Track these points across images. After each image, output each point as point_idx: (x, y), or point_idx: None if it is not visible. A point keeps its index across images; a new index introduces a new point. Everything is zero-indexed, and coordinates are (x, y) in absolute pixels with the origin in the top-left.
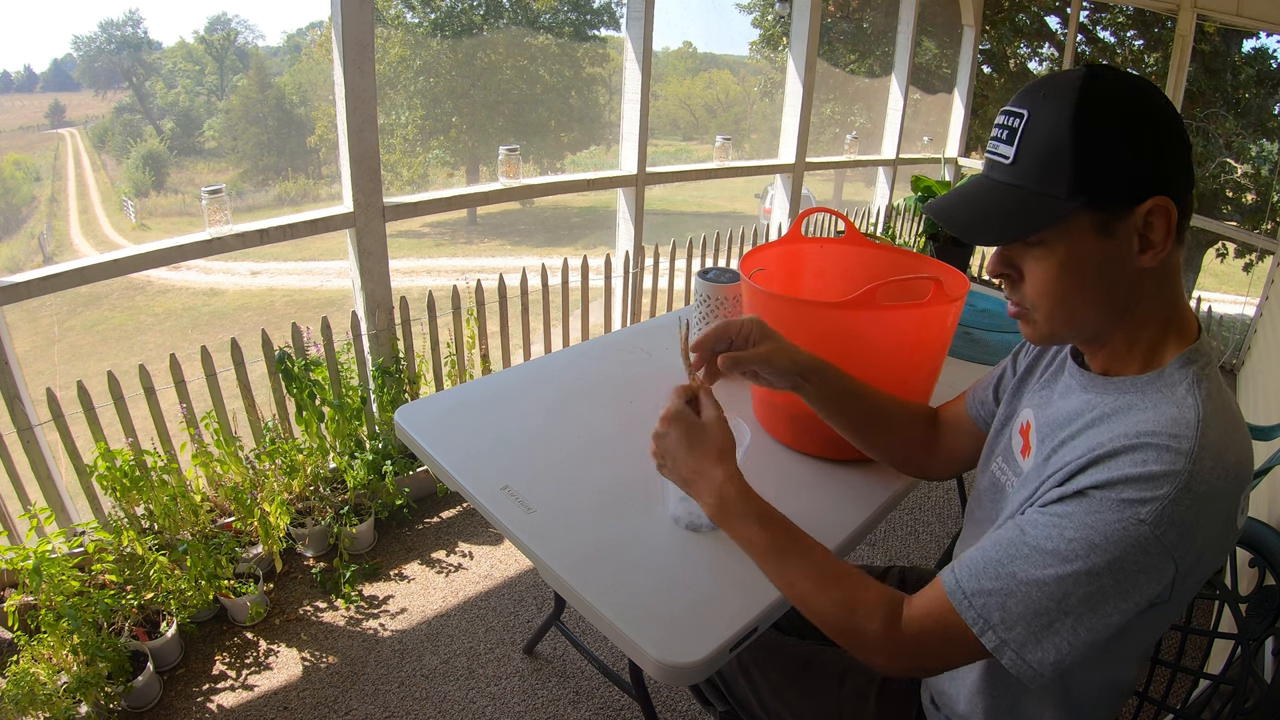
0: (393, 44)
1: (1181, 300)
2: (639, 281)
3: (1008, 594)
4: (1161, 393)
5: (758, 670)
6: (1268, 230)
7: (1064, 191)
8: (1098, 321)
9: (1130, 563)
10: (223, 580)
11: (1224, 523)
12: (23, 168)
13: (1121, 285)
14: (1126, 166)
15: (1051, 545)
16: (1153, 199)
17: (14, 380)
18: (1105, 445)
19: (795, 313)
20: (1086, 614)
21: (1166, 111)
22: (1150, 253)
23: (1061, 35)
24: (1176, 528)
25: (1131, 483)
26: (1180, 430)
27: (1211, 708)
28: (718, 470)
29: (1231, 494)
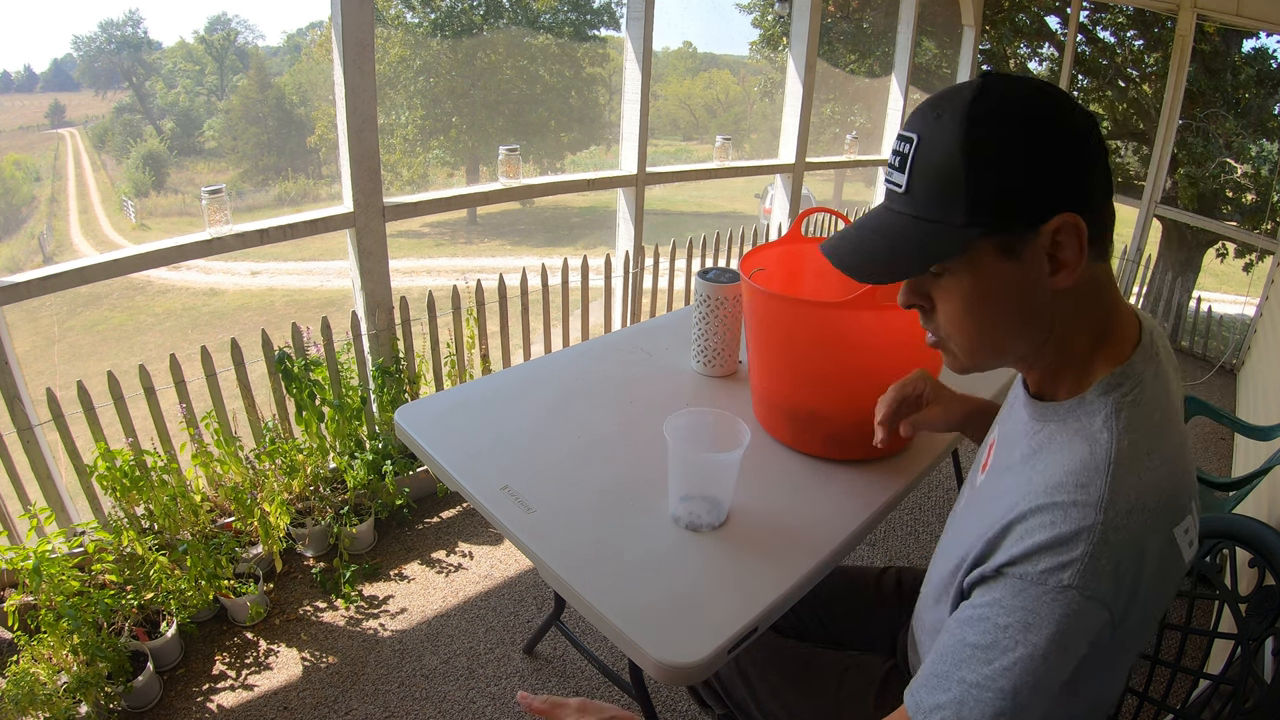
0: (393, 44)
1: (1115, 314)
2: (639, 281)
3: (961, 703)
4: (1079, 423)
5: (756, 672)
6: (1268, 230)
7: (961, 219)
8: (1021, 347)
9: (1070, 629)
10: (223, 580)
11: (1159, 559)
12: (23, 168)
13: (1038, 309)
14: (1026, 186)
15: (990, 639)
16: (1059, 217)
17: (14, 380)
18: (1016, 508)
19: (795, 313)
20: (1040, 696)
21: (1070, 119)
22: (1064, 273)
23: (1061, 35)
24: (1105, 578)
25: (1045, 551)
26: (1087, 478)
27: (1211, 708)
28: None
29: (1160, 528)
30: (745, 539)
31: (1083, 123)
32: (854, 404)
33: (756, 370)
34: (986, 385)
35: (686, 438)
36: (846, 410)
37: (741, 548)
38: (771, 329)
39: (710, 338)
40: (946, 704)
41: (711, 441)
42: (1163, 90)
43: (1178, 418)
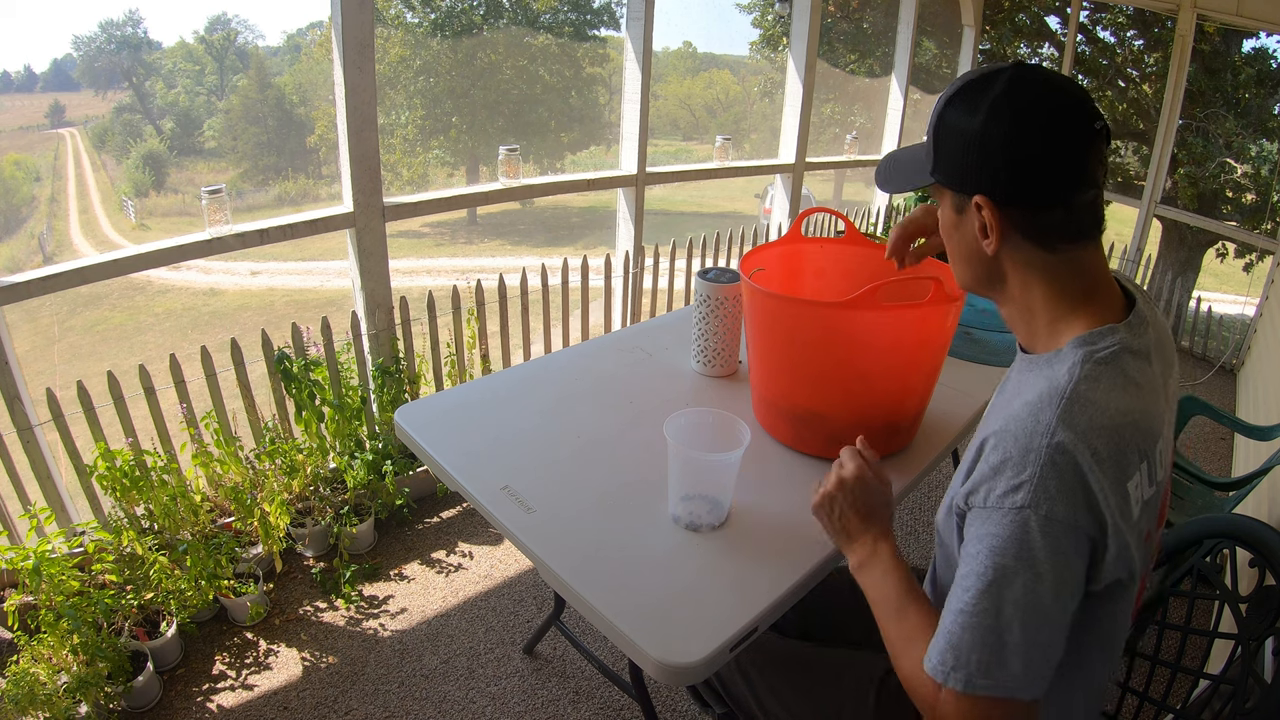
0: (393, 44)
1: (1093, 296)
2: (639, 281)
3: (951, 632)
4: (1051, 369)
5: (755, 671)
6: (1268, 230)
7: (930, 166)
8: (972, 283)
9: (1036, 549)
10: (223, 580)
11: (1117, 502)
12: (23, 168)
13: (983, 260)
14: (961, 162)
15: (965, 569)
16: (977, 196)
17: (14, 380)
18: (983, 434)
19: (795, 313)
20: (1028, 616)
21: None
22: (986, 241)
23: (1061, 35)
24: (1059, 501)
25: (997, 475)
26: (1040, 408)
27: (1211, 708)
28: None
29: (1110, 473)
30: (745, 539)
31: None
32: (854, 404)
33: (756, 370)
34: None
35: (686, 438)
36: (846, 410)
37: (741, 548)
38: (771, 329)
39: (710, 338)
40: (941, 635)
41: (711, 441)
42: (1163, 90)
43: (1152, 393)
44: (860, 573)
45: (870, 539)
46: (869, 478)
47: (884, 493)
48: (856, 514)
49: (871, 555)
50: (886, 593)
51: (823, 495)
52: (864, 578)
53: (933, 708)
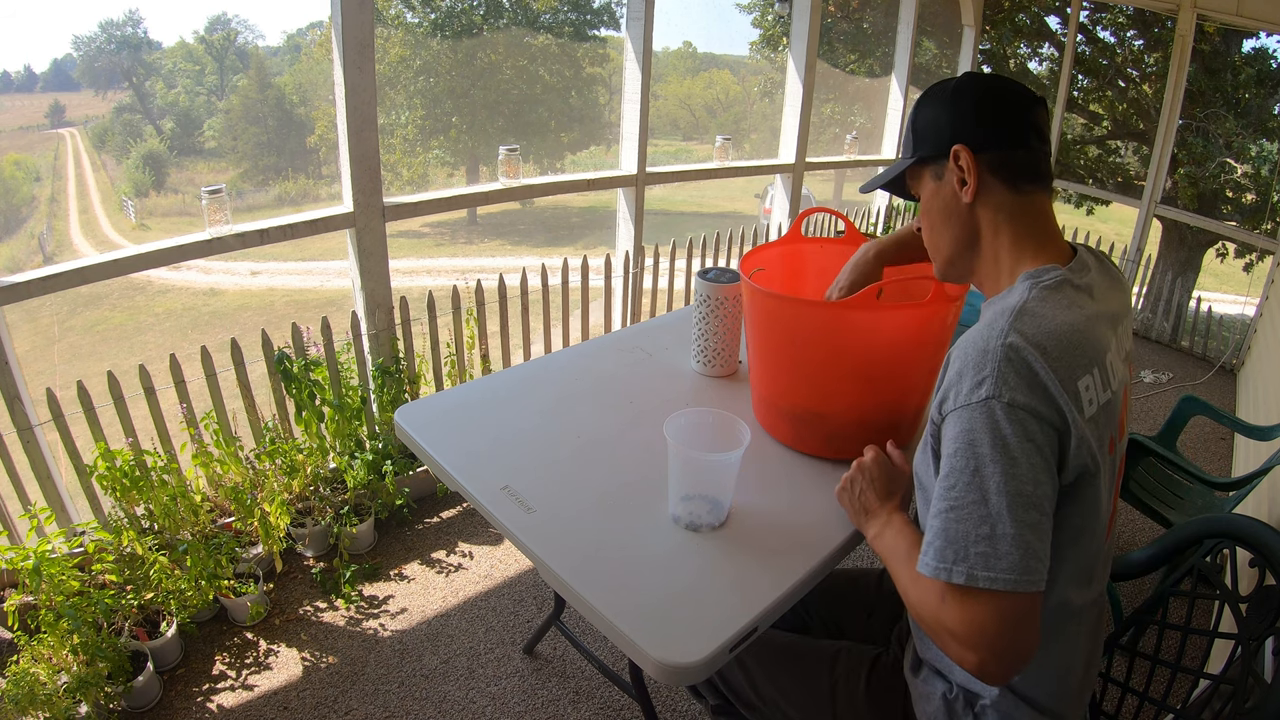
0: (393, 44)
1: (1047, 241)
2: (639, 281)
3: (944, 530)
4: (1004, 301)
5: (751, 658)
6: (1268, 230)
7: (909, 153)
8: (952, 250)
9: (1007, 435)
10: (223, 580)
11: (1072, 397)
12: (23, 168)
13: (960, 217)
14: (935, 129)
15: (946, 469)
16: (955, 146)
17: (14, 380)
18: (944, 364)
19: (795, 313)
20: (1013, 502)
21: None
22: (966, 188)
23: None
24: (1020, 390)
25: (961, 379)
26: (994, 320)
27: (1211, 708)
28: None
29: (1060, 370)
30: (745, 539)
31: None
32: (854, 404)
33: (756, 370)
34: None
35: (686, 438)
36: (846, 410)
37: (741, 548)
38: (771, 329)
39: (710, 338)
40: (934, 537)
41: (711, 441)
42: (1163, 90)
43: (1095, 317)
44: (877, 542)
45: (885, 513)
46: (885, 461)
47: (900, 476)
48: (874, 492)
49: (886, 524)
50: (898, 546)
51: (844, 480)
52: (880, 544)
53: (939, 620)
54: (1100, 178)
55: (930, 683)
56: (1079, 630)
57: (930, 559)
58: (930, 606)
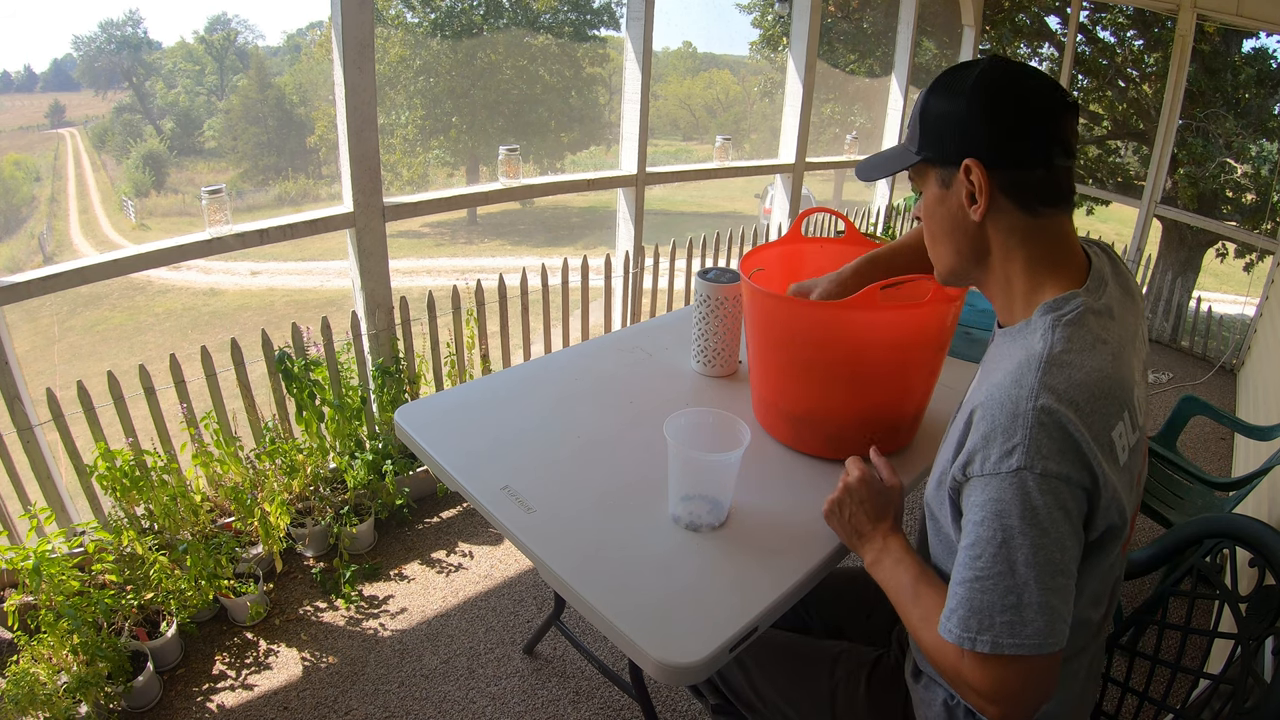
0: (393, 44)
1: (1064, 261)
2: (639, 281)
3: (970, 599)
4: (1024, 339)
5: (752, 660)
6: (1268, 230)
7: (916, 148)
8: (956, 262)
9: (1038, 507)
10: (223, 580)
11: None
12: (23, 168)
13: (967, 233)
14: (950, 133)
15: (972, 537)
16: (967, 159)
17: (14, 380)
18: (967, 413)
19: (795, 313)
20: (1041, 571)
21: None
22: (974, 207)
23: (1061, 35)
24: (1052, 458)
25: (992, 441)
26: (1021, 374)
27: (1211, 708)
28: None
29: (1093, 424)
30: (745, 539)
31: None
32: (854, 404)
33: (756, 370)
34: None
35: (686, 438)
36: (846, 410)
37: (741, 548)
38: (771, 329)
39: (710, 338)
40: (959, 604)
41: (711, 441)
42: (1163, 90)
43: (1119, 347)
44: (875, 569)
45: (880, 536)
46: (873, 480)
47: (889, 493)
48: (865, 514)
49: (883, 551)
50: (901, 581)
51: (831, 502)
52: (879, 573)
53: (959, 673)
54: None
55: (931, 689)
56: (1094, 644)
57: (954, 626)
58: (949, 660)
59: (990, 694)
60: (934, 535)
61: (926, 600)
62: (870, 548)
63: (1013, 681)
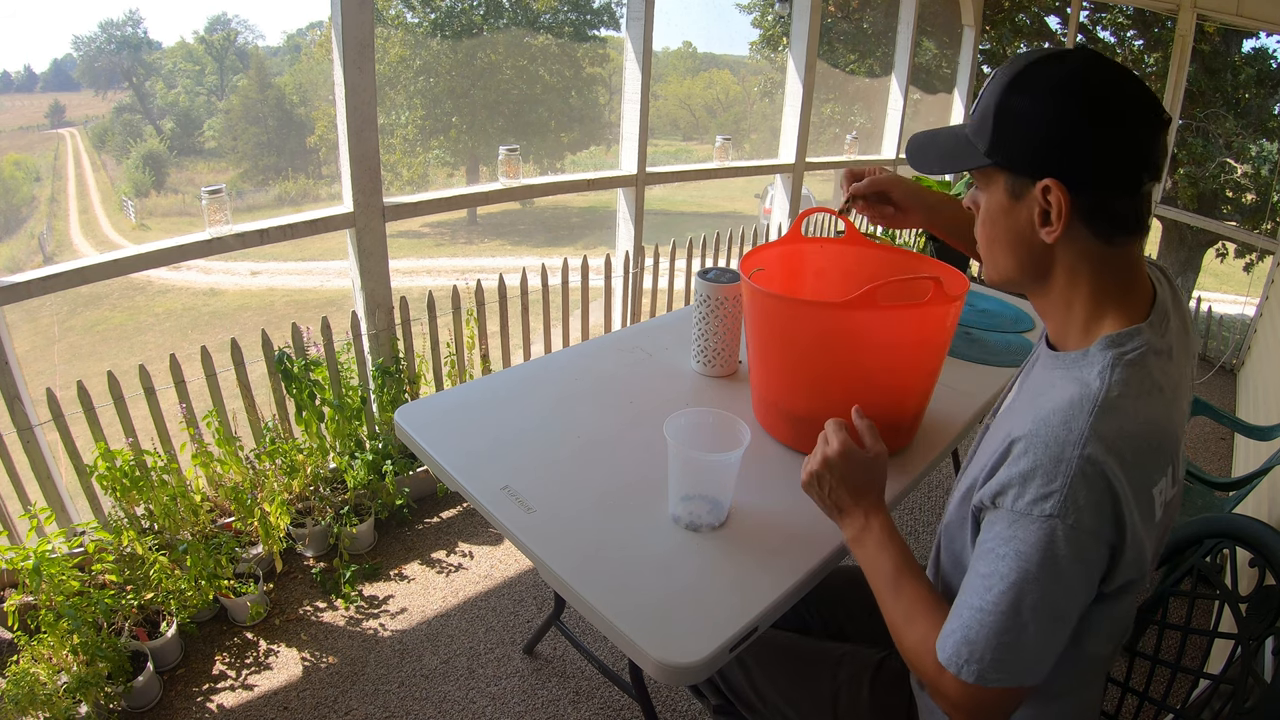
0: (393, 44)
1: (1129, 291)
2: (639, 281)
3: (969, 626)
4: (1079, 373)
5: (754, 662)
6: (1268, 230)
7: (984, 147)
8: (1014, 274)
9: (1060, 557)
10: (223, 580)
11: (1138, 507)
12: (23, 168)
13: (1032, 250)
14: (1030, 141)
15: (987, 568)
16: (1047, 179)
17: (14, 380)
18: (1005, 444)
19: (795, 313)
20: (1044, 619)
21: (1111, 111)
22: (1046, 229)
23: (1061, 35)
24: (1086, 512)
25: (1029, 480)
26: (1072, 415)
27: (1211, 708)
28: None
29: (1136, 480)
30: (745, 539)
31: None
32: (854, 404)
33: (756, 370)
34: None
35: (686, 438)
36: (846, 410)
37: (741, 548)
38: (771, 329)
39: (710, 338)
40: (957, 629)
41: (711, 441)
42: (1163, 90)
43: (1174, 393)
44: (854, 547)
45: (862, 513)
46: (855, 453)
47: (874, 465)
48: (846, 490)
49: (864, 530)
50: (882, 567)
51: (809, 474)
52: (858, 552)
53: (936, 683)
54: None
55: None
56: (1104, 671)
57: (948, 648)
58: (928, 667)
59: (962, 707)
60: (946, 551)
61: (908, 595)
62: (851, 524)
63: (987, 703)
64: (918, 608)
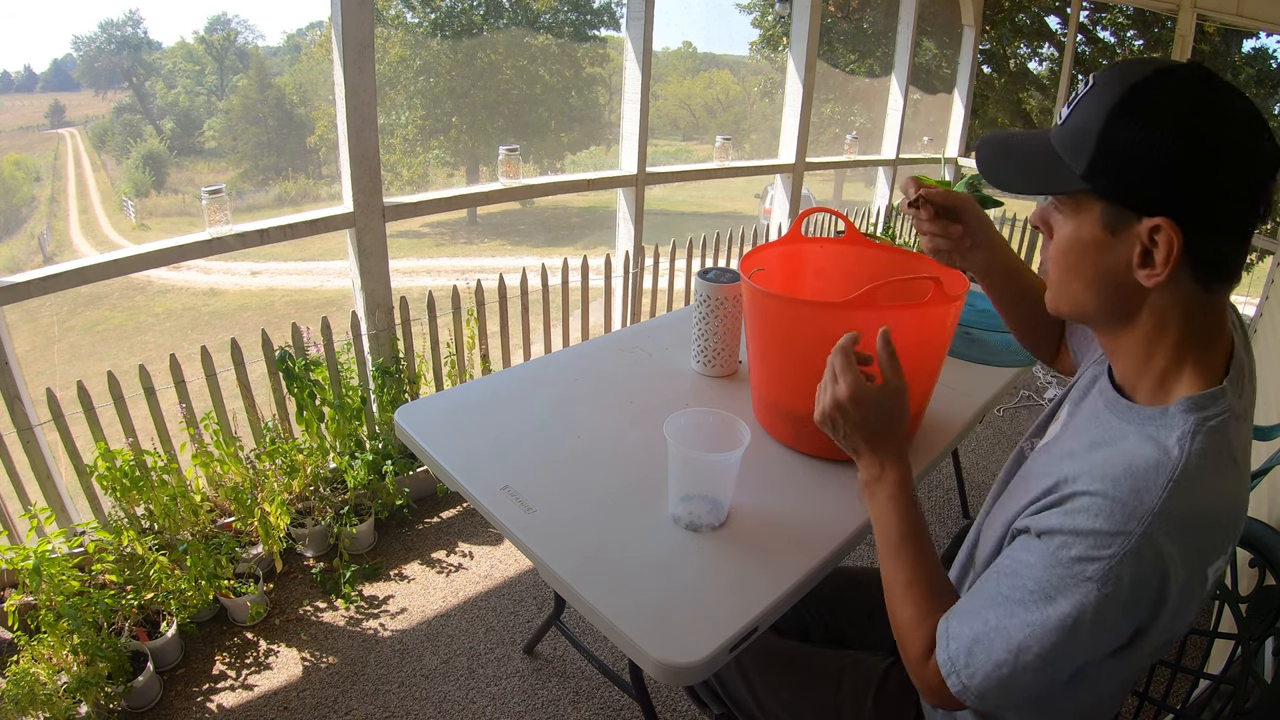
0: (393, 44)
1: (1212, 345)
2: (639, 281)
3: (976, 639)
4: (1155, 433)
5: (756, 671)
6: (1268, 230)
7: (1081, 169)
8: (1092, 311)
9: (1082, 618)
10: (223, 580)
11: (1184, 588)
12: (23, 168)
13: (1121, 290)
14: (1143, 175)
15: (1016, 595)
16: (1159, 218)
17: (14, 380)
18: (1067, 482)
19: (795, 313)
20: (1042, 667)
21: (1232, 142)
22: (1148, 271)
23: (1061, 35)
24: (1125, 587)
25: (1082, 537)
26: (1145, 484)
27: (1211, 708)
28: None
29: (1192, 561)
30: (745, 539)
31: (1245, 161)
32: None
33: (756, 370)
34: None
35: (686, 438)
36: None
37: (741, 548)
38: (771, 329)
39: (710, 338)
40: (965, 635)
41: (711, 441)
42: None
43: (1246, 462)
44: (865, 491)
45: (877, 462)
46: (868, 396)
47: (892, 407)
48: (862, 437)
49: (877, 480)
50: (886, 526)
51: (821, 413)
52: (869, 501)
53: (919, 668)
54: None
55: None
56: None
57: (947, 647)
58: (915, 649)
59: (933, 694)
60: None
61: (909, 565)
62: (866, 469)
63: (956, 706)
64: (916, 586)
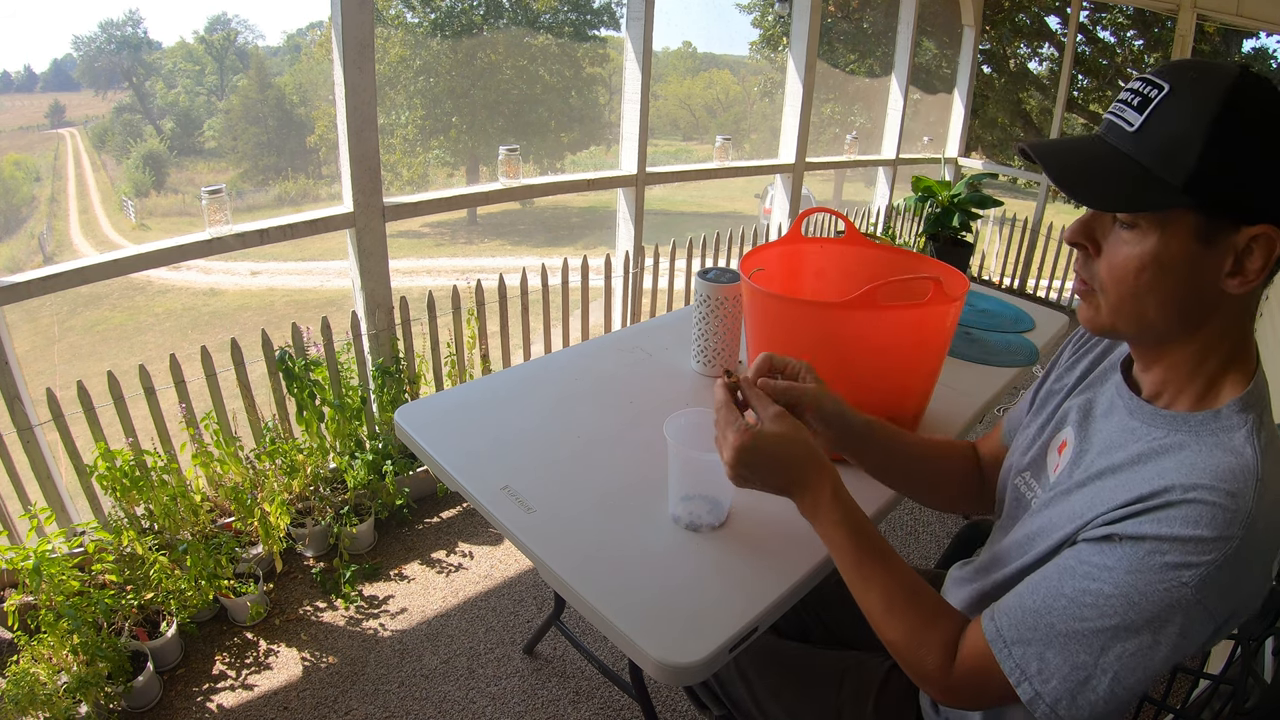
0: (393, 44)
1: (1250, 338)
2: (639, 281)
3: (1046, 645)
4: (1217, 437)
5: (755, 673)
6: None
7: (1180, 183)
8: (1165, 328)
9: (1169, 622)
10: (223, 580)
11: (1264, 577)
12: (23, 168)
13: (1202, 300)
14: (1253, 185)
15: (1090, 600)
16: (1264, 226)
17: (14, 380)
18: (1157, 492)
19: (795, 313)
20: (1124, 671)
21: None
22: (1239, 279)
23: (1061, 35)
24: (1220, 590)
25: (1179, 544)
26: (1238, 488)
27: (1211, 708)
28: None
29: (1275, 541)
30: (745, 539)
31: None
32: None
33: None
34: (991, 384)
35: (686, 438)
36: None
37: (741, 548)
38: (771, 329)
39: (710, 338)
40: (1031, 641)
41: (712, 441)
42: None
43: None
44: (813, 525)
45: (801, 494)
46: (751, 446)
47: (776, 450)
48: (774, 483)
49: (813, 511)
50: (841, 548)
51: (729, 475)
52: (817, 530)
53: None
54: None
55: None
56: None
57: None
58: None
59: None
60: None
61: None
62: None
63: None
64: (897, 597)
